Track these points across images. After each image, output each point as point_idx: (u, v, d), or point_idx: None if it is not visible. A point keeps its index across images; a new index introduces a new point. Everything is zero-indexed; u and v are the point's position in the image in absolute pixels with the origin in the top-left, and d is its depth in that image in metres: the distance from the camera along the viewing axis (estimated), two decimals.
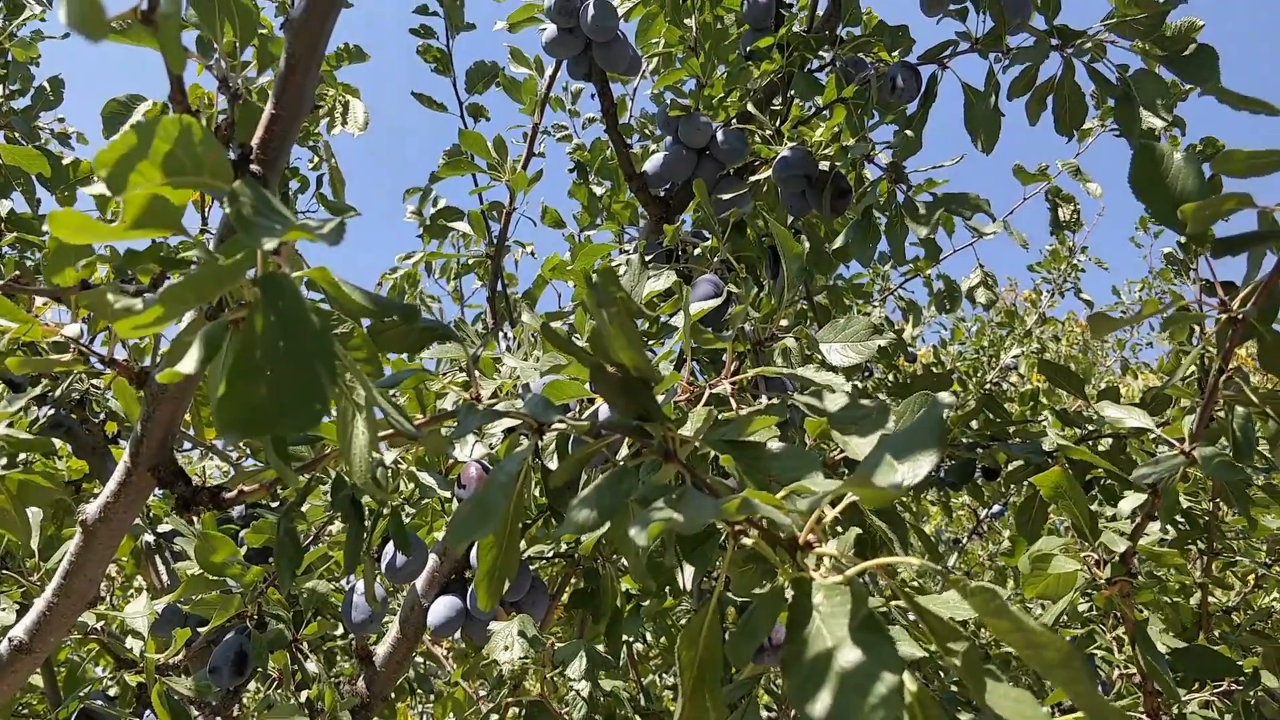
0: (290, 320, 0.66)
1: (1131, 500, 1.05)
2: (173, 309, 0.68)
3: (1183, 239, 0.95)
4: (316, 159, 3.75)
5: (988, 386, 4.91)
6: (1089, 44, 1.85)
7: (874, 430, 1.00)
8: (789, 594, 0.67)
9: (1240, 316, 0.93)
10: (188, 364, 0.73)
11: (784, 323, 1.65)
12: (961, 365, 5.00)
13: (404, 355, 1.45)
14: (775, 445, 0.87)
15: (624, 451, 0.93)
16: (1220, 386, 0.97)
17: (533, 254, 3.91)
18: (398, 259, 3.53)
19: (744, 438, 0.92)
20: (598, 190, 3.04)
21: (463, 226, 2.25)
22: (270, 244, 0.66)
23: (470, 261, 3.40)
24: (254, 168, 0.96)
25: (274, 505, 1.91)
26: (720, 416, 1.02)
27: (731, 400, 1.08)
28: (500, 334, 2.30)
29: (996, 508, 4.49)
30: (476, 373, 1.09)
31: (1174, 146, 2.53)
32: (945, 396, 1.05)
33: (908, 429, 0.80)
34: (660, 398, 1.08)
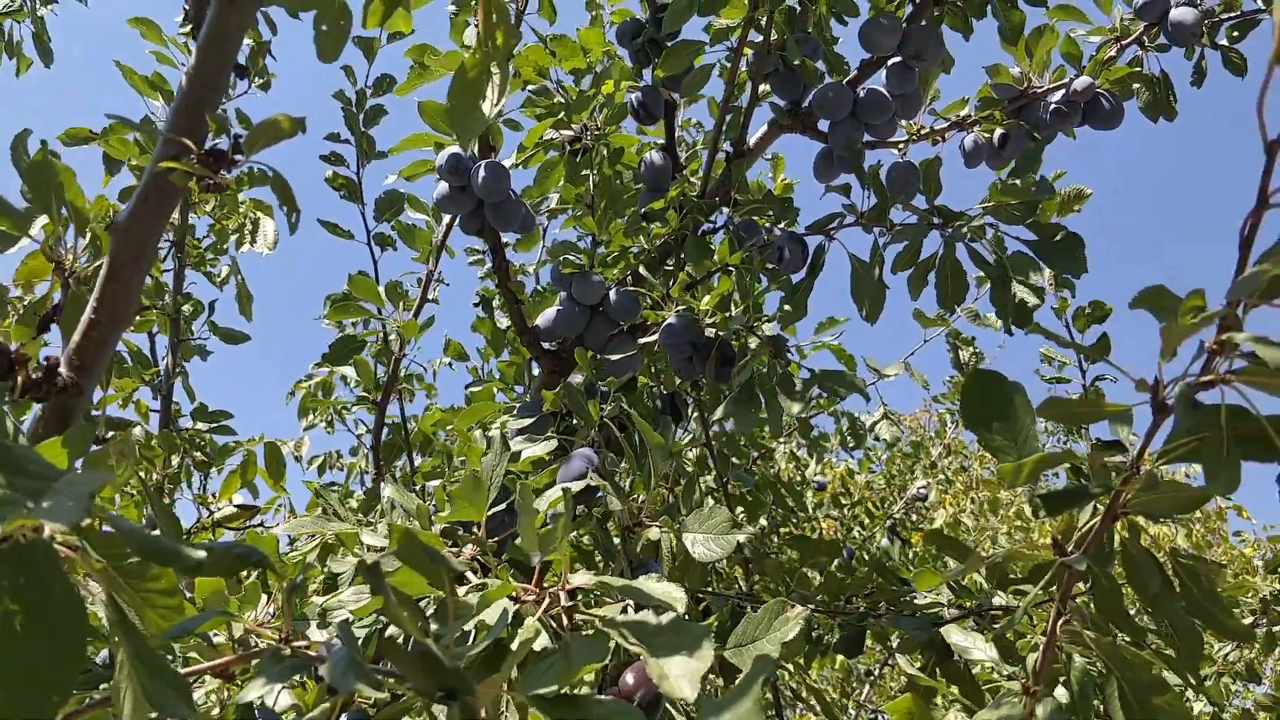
0: (35, 591, 0.60)
1: None
2: None
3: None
4: (221, 275, 3.67)
5: (895, 517, 4.93)
6: (967, 226, 1.91)
7: (693, 655, 0.93)
8: None
9: (1072, 565, 0.92)
10: None
11: (659, 504, 1.62)
12: (870, 495, 5.02)
13: None
14: (601, 699, 0.83)
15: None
16: (1058, 631, 0.96)
17: (450, 365, 3.89)
18: (312, 366, 3.47)
19: (567, 689, 0.87)
20: (503, 324, 3.02)
21: (350, 371, 2.20)
22: None
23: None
24: (61, 378, 0.91)
25: None
26: (548, 649, 0.97)
27: (564, 616, 1.03)
28: (384, 483, 2.22)
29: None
30: (293, 603, 1.02)
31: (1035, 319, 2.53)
32: (771, 652, 1.02)
33: (728, 701, 0.76)
34: (493, 617, 1.03)
